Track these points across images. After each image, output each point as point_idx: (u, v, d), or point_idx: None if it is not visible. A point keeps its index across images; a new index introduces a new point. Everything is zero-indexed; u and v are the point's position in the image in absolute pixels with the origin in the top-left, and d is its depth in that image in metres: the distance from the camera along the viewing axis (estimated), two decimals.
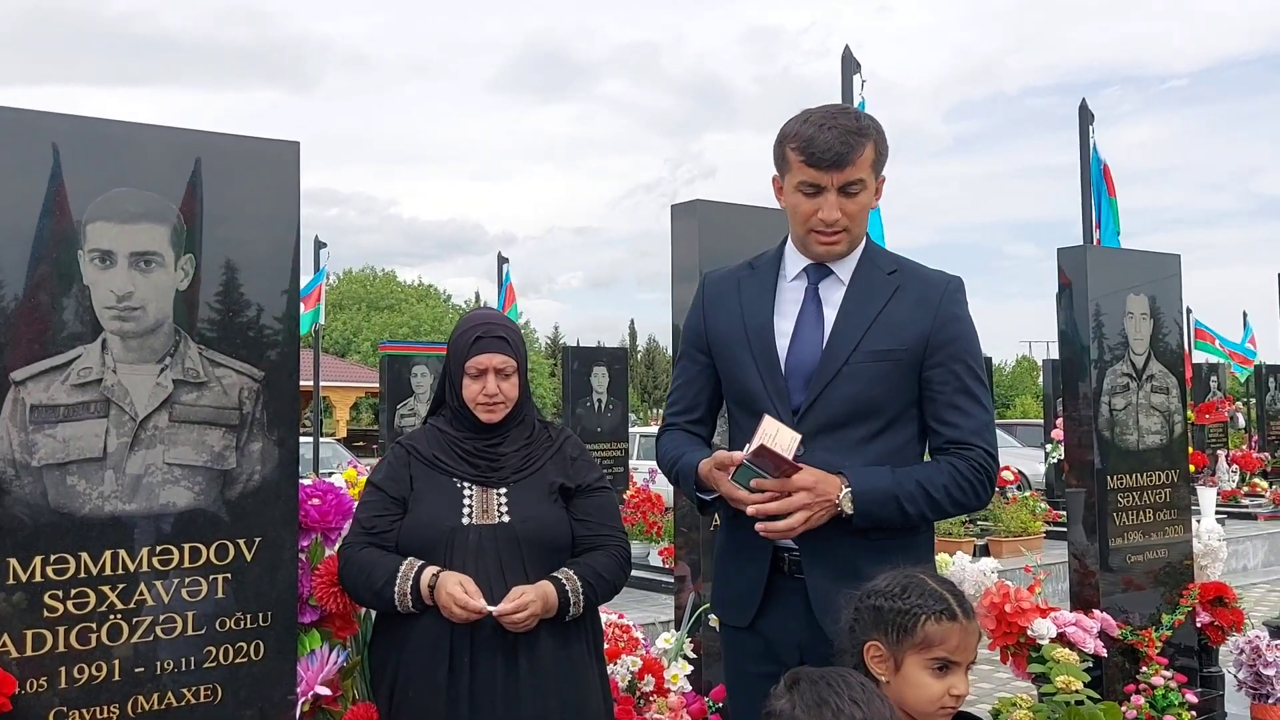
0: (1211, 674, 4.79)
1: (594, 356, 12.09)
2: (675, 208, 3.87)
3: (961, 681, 1.84)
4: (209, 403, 2.36)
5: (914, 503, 2.16)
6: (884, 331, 2.23)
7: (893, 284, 2.28)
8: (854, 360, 2.22)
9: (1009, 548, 9.01)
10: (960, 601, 1.87)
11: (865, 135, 2.20)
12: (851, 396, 2.22)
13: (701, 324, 2.43)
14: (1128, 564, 4.41)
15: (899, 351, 2.23)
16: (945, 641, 1.84)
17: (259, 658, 2.40)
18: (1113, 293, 4.48)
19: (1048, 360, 14.61)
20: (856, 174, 2.20)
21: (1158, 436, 4.60)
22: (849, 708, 1.65)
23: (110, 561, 2.24)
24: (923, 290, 2.28)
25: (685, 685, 3.36)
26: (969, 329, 2.30)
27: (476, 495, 2.47)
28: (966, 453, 2.21)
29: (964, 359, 2.26)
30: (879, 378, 2.22)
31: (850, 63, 5.02)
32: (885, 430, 2.24)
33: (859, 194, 2.22)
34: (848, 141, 2.18)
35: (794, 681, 1.74)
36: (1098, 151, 5.89)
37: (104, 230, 2.25)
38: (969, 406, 2.24)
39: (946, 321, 2.25)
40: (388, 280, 55.07)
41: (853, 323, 2.25)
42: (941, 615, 1.84)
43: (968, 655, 1.85)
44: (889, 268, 2.32)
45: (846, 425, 2.22)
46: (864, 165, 2.21)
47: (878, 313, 2.25)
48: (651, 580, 7.77)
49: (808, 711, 1.66)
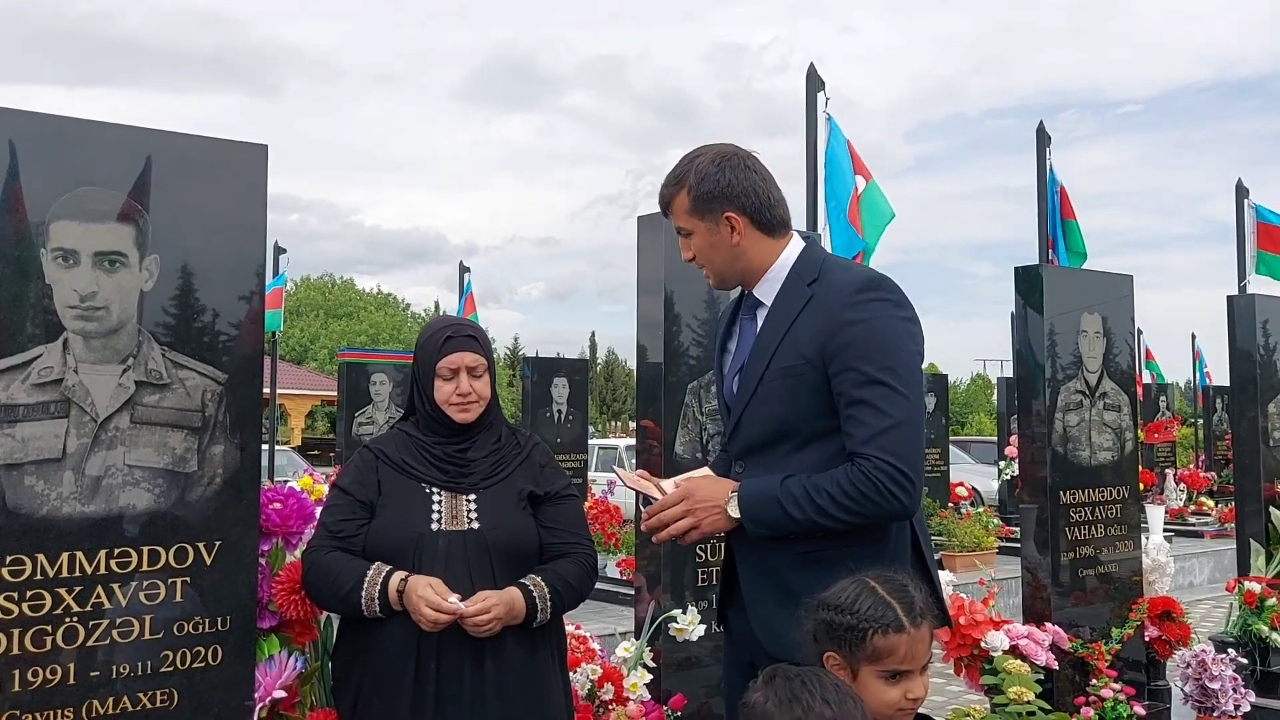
0: (1159, 687, 4.89)
1: (554, 368, 12.05)
2: (641, 219, 3.89)
3: (916, 685, 1.88)
4: (171, 405, 2.34)
5: (798, 505, 2.13)
6: (790, 347, 2.23)
7: (807, 295, 2.25)
8: (766, 379, 2.25)
9: (963, 562, 9.13)
10: (909, 610, 1.89)
11: (676, 185, 2.33)
12: (765, 416, 2.26)
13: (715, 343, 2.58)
14: (1079, 579, 4.49)
15: (800, 365, 2.21)
16: (894, 653, 1.87)
17: (217, 662, 2.38)
18: (1067, 312, 4.57)
19: (1002, 378, 14.83)
20: (677, 222, 2.36)
21: (1109, 453, 4.69)
22: (820, 706, 1.69)
23: (68, 564, 2.21)
24: (826, 298, 2.22)
25: (644, 694, 3.37)
26: (866, 331, 2.16)
27: (445, 501, 2.47)
28: (861, 462, 2.12)
29: (856, 365, 2.14)
30: (787, 394, 2.22)
31: (814, 80, 5.08)
32: (809, 444, 2.23)
33: (690, 236, 2.35)
34: (663, 195, 2.36)
35: (771, 676, 1.78)
36: (1054, 173, 6.00)
37: (68, 229, 2.23)
38: (863, 414, 2.14)
39: (840, 327, 2.17)
40: (346, 288, 54.65)
41: (767, 341, 2.28)
42: (888, 629, 1.87)
43: (918, 662, 1.88)
44: (810, 277, 2.27)
45: (770, 444, 2.27)
46: (679, 214, 2.34)
47: (787, 329, 2.25)
48: (609, 591, 7.76)
49: (779, 706, 1.71)
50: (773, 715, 1.70)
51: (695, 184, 2.29)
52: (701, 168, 2.29)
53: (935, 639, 1.97)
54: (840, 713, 1.69)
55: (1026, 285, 4.54)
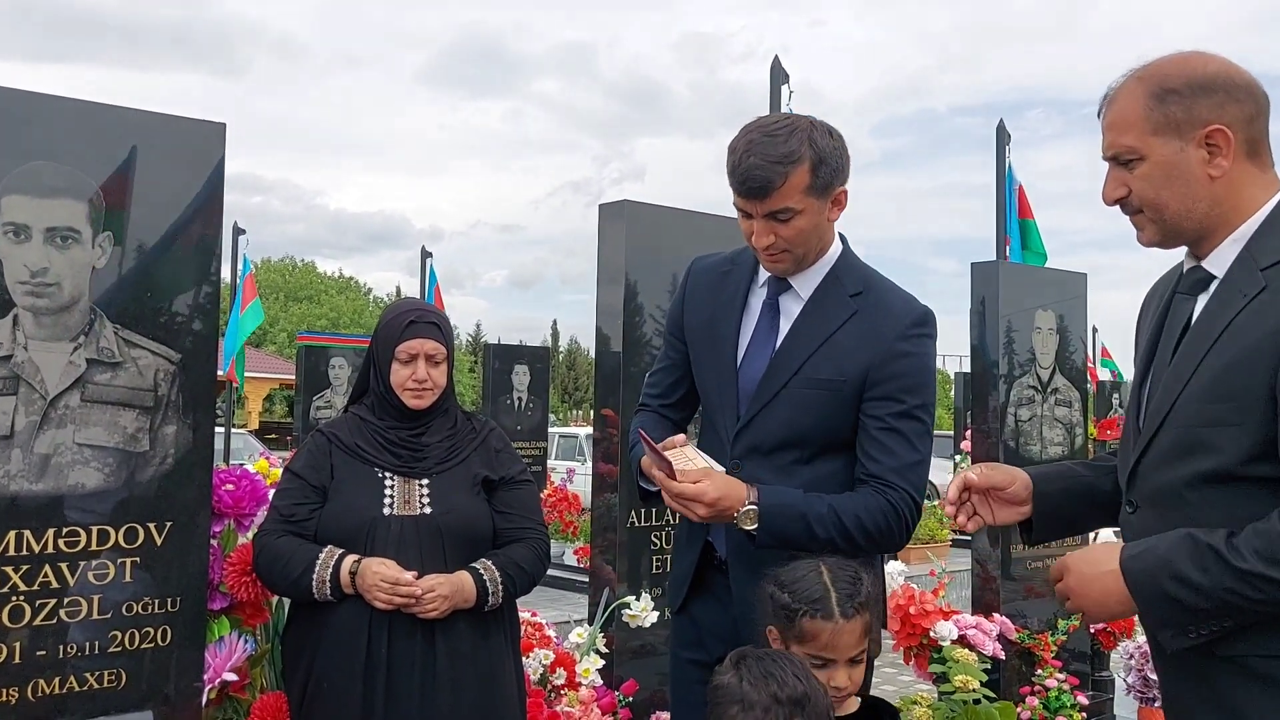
0: (1103, 678, 5.00)
1: (515, 355, 12.05)
2: (603, 207, 3.89)
3: (840, 675, 1.90)
4: (123, 383, 2.32)
5: (823, 525, 2.07)
6: (828, 359, 2.15)
7: (851, 308, 2.18)
8: (792, 385, 2.16)
9: (916, 554, 9.24)
10: (845, 600, 1.90)
11: (792, 161, 2.04)
12: (785, 421, 2.17)
13: (680, 313, 2.39)
14: (1028, 571, 4.57)
15: (838, 382, 2.14)
16: (817, 639, 1.90)
17: (166, 643, 2.37)
18: (1022, 309, 4.64)
19: (959, 373, 15.00)
20: (782, 203, 2.06)
21: (1060, 448, 4.77)
22: (792, 680, 1.74)
23: (14, 542, 2.19)
24: (878, 321, 2.16)
25: (597, 679, 3.39)
26: (916, 365, 2.16)
27: (398, 485, 2.47)
28: (888, 491, 2.11)
29: (899, 397, 2.13)
30: (814, 405, 2.15)
31: (779, 73, 5.10)
32: (818, 457, 2.18)
33: (790, 220, 2.09)
34: (768, 173, 2.04)
35: (740, 658, 1.81)
36: (1012, 171, 6.07)
37: (19, 204, 2.20)
38: (895, 445, 2.12)
39: (892, 358, 2.14)
40: (307, 271, 54.08)
41: (800, 345, 2.18)
42: (817, 614, 1.89)
43: (840, 653, 1.90)
44: (854, 288, 2.20)
45: (779, 449, 2.18)
46: (791, 192, 2.06)
47: (826, 338, 2.16)
48: (565, 579, 7.79)
49: (754, 685, 1.74)
50: (749, 694, 1.74)
51: (815, 158, 2.08)
52: (817, 140, 2.10)
53: (877, 633, 1.97)
54: (809, 686, 1.75)
55: (983, 281, 4.60)
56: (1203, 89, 1.63)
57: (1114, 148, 1.72)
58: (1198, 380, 1.62)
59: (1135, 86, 1.69)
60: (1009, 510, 1.96)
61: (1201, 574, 1.52)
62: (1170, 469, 1.65)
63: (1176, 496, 1.64)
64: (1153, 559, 1.59)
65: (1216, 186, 1.65)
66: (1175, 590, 1.55)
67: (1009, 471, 1.97)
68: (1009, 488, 1.94)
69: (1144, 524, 1.70)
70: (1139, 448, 1.71)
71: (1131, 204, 1.72)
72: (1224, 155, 1.64)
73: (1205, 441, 1.60)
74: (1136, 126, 1.68)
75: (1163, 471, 1.67)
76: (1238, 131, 1.63)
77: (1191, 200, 1.66)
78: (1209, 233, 1.68)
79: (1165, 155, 1.66)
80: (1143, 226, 1.73)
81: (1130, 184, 1.71)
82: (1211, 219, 1.67)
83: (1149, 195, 1.69)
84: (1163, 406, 1.67)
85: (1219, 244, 1.68)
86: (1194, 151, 1.64)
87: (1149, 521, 1.68)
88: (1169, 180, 1.67)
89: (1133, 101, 1.69)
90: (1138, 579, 1.60)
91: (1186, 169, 1.65)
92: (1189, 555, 1.54)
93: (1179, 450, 1.64)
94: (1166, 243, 1.74)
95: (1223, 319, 1.62)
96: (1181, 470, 1.63)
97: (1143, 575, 1.59)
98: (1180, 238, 1.72)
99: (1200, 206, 1.66)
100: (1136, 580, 1.60)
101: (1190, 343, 1.67)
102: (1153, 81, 1.67)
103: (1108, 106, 1.74)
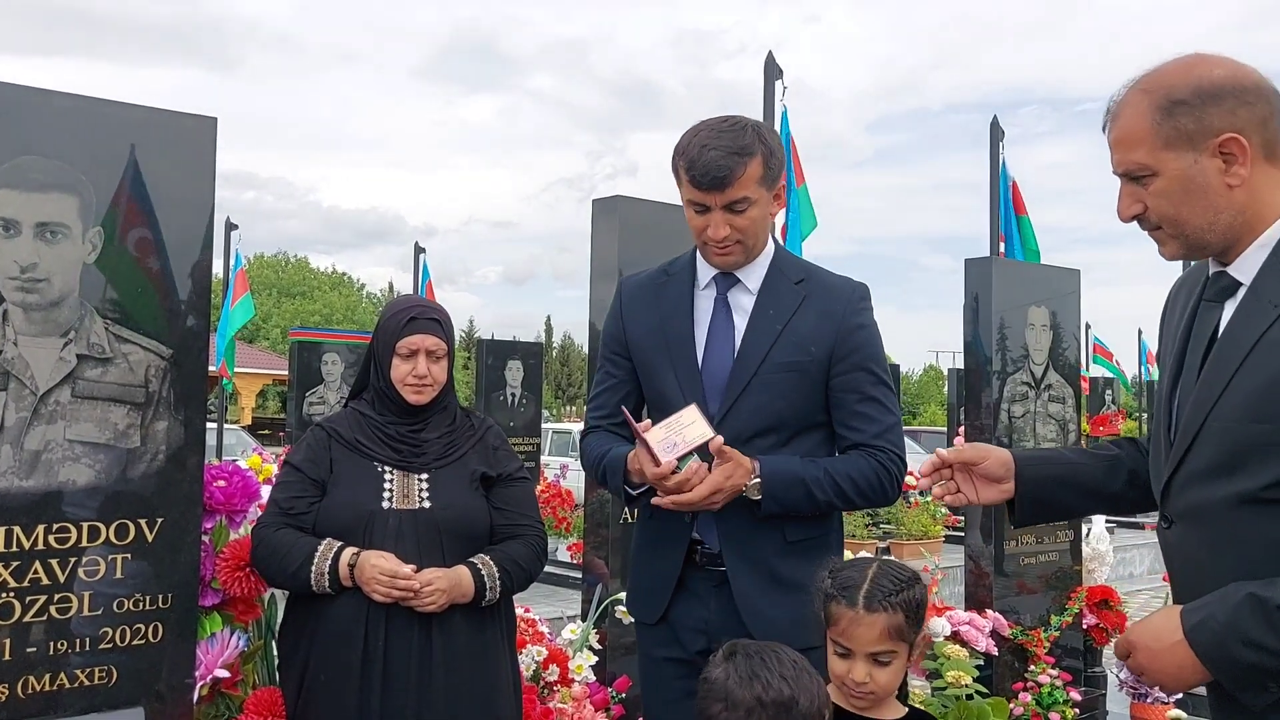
0: (1095, 674, 5.01)
1: (509, 351, 12.02)
2: (596, 203, 3.89)
3: (858, 669, 1.90)
4: (114, 379, 2.31)
5: (820, 488, 2.21)
6: (791, 343, 2.27)
7: (800, 294, 2.31)
8: (763, 371, 2.26)
9: (910, 550, 9.26)
10: (870, 594, 1.91)
11: (748, 153, 2.18)
12: (761, 406, 2.26)
13: (621, 329, 2.44)
14: (1020, 567, 4.58)
15: (805, 363, 2.27)
16: (837, 624, 1.93)
17: (158, 640, 2.36)
18: (1016, 306, 4.64)
19: (953, 369, 15.03)
20: (740, 193, 2.19)
21: (1053, 444, 4.77)
22: (778, 683, 1.74)
23: (4, 538, 2.17)
24: (828, 301, 2.31)
25: (590, 676, 3.39)
26: (872, 335, 2.34)
27: (397, 480, 2.47)
28: (878, 454, 2.27)
29: (867, 366, 2.31)
30: (787, 389, 2.27)
31: (773, 69, 5.10)
32: (795, 437, 2.29)
33: (746, 210, 2.21)
34: (728, 163, 2.16)
35: (731, 652, 1.82)
36: (1006, 168, 6.07)
37: (8, 198, 2.19)
38: (874, 412, 2.29)
39: (851, 331, 2.30)
40: (300, 266, 53.97)
41: (761, 334, 2.29)
42: (841, 600, 1.92)
43: (857, 645, 1.91)
44: (796, 277, 2.34)
45: (757, 435, 2.26)
46: (748, 183, 2.19)
47: (785, 324, 2.28)
48: (559, 575, 7.78)
49: (740, 683, 1.75)
50: (734, 692, 1.74)
51: (766, 152, 2.22)
52: (766, 135, 2.24)
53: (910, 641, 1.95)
54: (797, 689, 1.74)
55: (976, 278, 4.61)
56: (1212, 96, 1.56)
57: (1124, 165, 1.64)
58: (1231, 397, 1.56)
59: (1140, 99, 1.62)
60: (991, 489, 1.96)
61: (1275, 637, 1.48)
62: (1207, 488, 1.60)
63: (1216, 516, 1.60)
64: (1219, 627, 1.53)
65: (1237, 195, 1.58)
66: (1249, 656, 1.50)
67: (981, 448, 1.99)
68: (981, 463, 1.95)
69: (1182, 542, 1.68)
70: (1171, 464, 1.67)
71: (1149, 220, 1.65)
72: (1241, 163, 1.56)
73: (1246, 463, 1.54)
74: (1146, 142, 1.60)
75: (1199, 490, 1.62)
76: (1253, 136, 1.56)
77: (1213, 213, 1.59)
78: (1234, 242, 1.61)
79: (1179, 169, 1.58)
80: (1164, 242, 1.66)
81: (1146, 200, 1.63)
82: (1235, 229, 1.60)
83: (1167, 212, 1.62)
84: (1194, 422, 1.62)
85: (1245, 250, 1.61)
86: (1209, 162, 1.57)
87: (1188, 540, 1.66)
88: (1187, 195, 1.59)
89: (1139, 116, 1.61)
90: (1208, 650, 1.54)
91: (1203, 181, 1.58)
92: (1257, 618, 1.49)
93: (1217, 470, 1.59)
94: (1191, 256, 1.68)
95: (1253, 332, 1.56)
96: (1221, 490, 1.58)
97: (1212, 646, 1.53)
98: (1205, 250, 1.65)
99: (1223, 218, 1.59)
100: (1207, 651, 1.54)
101: (1219, 356, 1.61)
102: (1158, 93, 1.59)
103: (1112, 122, 1.66)
